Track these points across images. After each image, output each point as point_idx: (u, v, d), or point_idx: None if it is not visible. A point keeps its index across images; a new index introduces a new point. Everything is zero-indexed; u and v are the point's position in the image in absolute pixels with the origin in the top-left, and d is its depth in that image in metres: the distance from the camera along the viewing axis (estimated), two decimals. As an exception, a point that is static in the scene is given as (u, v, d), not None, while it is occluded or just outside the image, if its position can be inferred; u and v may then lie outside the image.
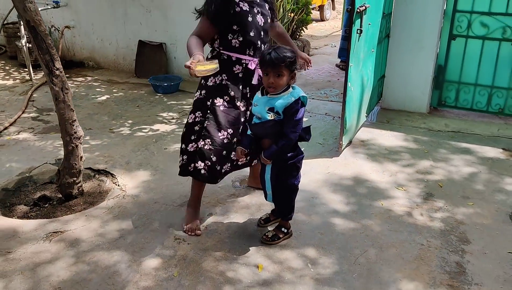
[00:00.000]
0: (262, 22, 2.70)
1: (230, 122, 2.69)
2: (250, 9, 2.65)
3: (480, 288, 2.38)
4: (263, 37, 2.73)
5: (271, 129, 2.45)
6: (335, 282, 2.41)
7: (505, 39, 4.19)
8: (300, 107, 2.44)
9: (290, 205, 2.72)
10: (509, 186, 3.33)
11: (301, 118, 2.45)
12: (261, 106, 2.45)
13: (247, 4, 2.65)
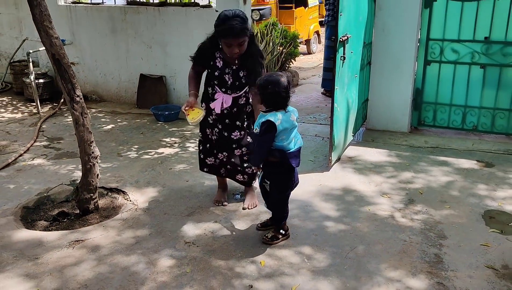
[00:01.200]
0: (230, 81, 3.21)
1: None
2: (222, 66, 3.20)
3: (455, 273, 2.73)
4: (229, 88, 3.25)
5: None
6: (329, 272, 2.75)
7: (473, 63, 4.67)
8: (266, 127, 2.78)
9: (282, 212, 3.07)
10: (482, 191, 3.72)
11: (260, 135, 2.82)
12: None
13: (222, 62, 3.20)
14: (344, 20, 3.85)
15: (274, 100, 2.80)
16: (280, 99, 2.79)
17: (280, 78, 2.79)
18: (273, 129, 2.78)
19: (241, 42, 3.04)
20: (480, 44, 4.59)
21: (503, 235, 3.11)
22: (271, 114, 2.80)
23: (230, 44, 3.03)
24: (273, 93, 2.76)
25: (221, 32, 3.03)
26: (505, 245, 2.99)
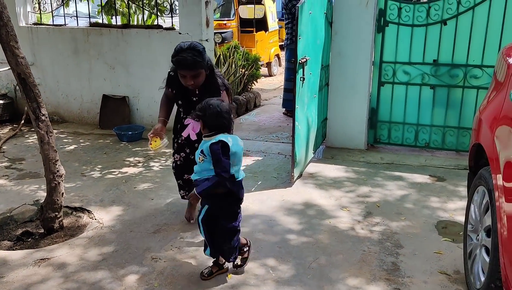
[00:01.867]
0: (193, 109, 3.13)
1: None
2: (187, 95, 3.33)
3: (411, 279, 2.90)
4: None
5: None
6: (293, 282, 2.87)
7: (424, 84, 4.97)
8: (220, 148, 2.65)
9: (230, 246, 2.86)
10: (434, 204, 3.95)
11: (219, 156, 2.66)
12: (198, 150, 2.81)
13: (187, 90, 3.30)
14: (303, 44, 4.06)
15: (217, 123, 2.71)
16: (224, 121, 2.72)
17: (220, 102, 2.77)
18: (227, 151, 2.67)
19: (195, 74, 3.12)
20: (429, 66, 4.91)
21: (454, 243, 3.32)
22: (220, 135, 2.70)
23: (184, 75, 3.14)
24: (216, 114, 2.69)
25: (174, 63, 3.13)
26: (457, 252, 3.19)
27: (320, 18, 4.59)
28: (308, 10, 4.10)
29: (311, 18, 4.24)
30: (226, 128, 2.75)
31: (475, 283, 2.62)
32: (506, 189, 2.18)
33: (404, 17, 4.88)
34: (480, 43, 4.70)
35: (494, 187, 2.33)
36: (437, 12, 4.76)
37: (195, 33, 5.46)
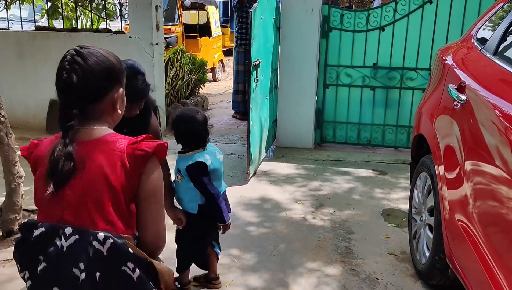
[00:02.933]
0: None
1: None
2: None
3: (364, 261, 3.18)
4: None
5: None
6: (257, 268, 3.06)
7: (365, 85, 5.35)
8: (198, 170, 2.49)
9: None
10: (379, 194, 4.29)
11: (199, 178, 2.51)
12: (174, 167, 2.57)
13: None
14: (256, 47, 4.28)
15: (190, 139, 2.52)
16: (198, 137, 2.51)
17: (195, 114, 2.54)
18: (206, 172, 2.51)
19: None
20: (370, 69, 5.30)
21: (399, 228, 3.65)
22: (197, 154, 2.50)
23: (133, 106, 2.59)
24: (189, 130, 2.49)
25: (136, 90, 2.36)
26: (402, 235, 3.52)
27: (270, 23, 4.84)
28: (259, 15, 4.34)
29: (262, 23, 4.47)
30: (201, 144, 2.53)
31: (420, 259, 2.93)
32: (446, 168, 2.50)
33: (346, 23, 5.24)
34: (415, 47, 5.14)
35: (436, 168, 2.65)
36: (376, 19, 5.16)
37: (145, 37, 5.55)
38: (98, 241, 1.36)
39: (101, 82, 1.43)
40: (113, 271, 1.38)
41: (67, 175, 1.38)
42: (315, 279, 2.95)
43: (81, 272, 1.36)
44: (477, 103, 2.31)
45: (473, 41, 2.85)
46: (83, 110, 1.43)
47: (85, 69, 1.40)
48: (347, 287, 2.88)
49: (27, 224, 1.46)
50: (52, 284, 1.39)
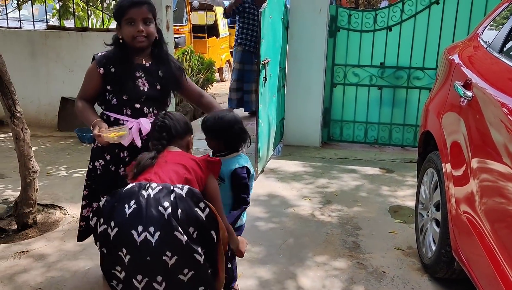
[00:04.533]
0: (145, 87, 2.44)
1: (106, 188, 2.48)
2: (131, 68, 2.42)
3: (371, 255, 3.24)
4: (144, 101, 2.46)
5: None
6: (266, 261, 3.12)
7: (372, 85, 5.41)
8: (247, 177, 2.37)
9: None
10: (385, 192, 4.35)
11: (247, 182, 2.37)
12: None
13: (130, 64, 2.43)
14: (265, 46, 4.35)
15: (239, 141, 2.37)
16: (244, 138, 2.40)
17: (233, 113, 2.43)
18: (250, 176, 2.42)
19: (146, 19, 2.36)
20: (377, 68, 5.36)
21: (406, 224, 3.71)
22: (241, 158, 2.38)
23: (132, 19, 2.34)
24: (242, 130, 2.36)
25: (119, 10, 2.38)
26: (408, 231, 3.57)
27: (278, 22, 4.91)
28: (268, 15, 4.41)
29: (271, 22, 4.54)
30: (240, 146, 2.41)
31: (427, 253, 2.99)
32: (453, 164, 2.56)
33: (354, 23, 5.30)
34: (422, 47, 5.19)
35: (443, 164, 2.70)
36: (383, 19, 5.22)
37: (155, 37, 5.62)
38: (178, 188, 1.89)
39: (182, 127, 2.22)
40: (190, 209, 1.86)
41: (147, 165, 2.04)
42: (323, 272, 3.02)
43: (165, 209, 1.81)
44: (483, 100, 2.37)
45: (479, 40, 2.91)
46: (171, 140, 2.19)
47: (173, 119, 2.21)
48: (354, 279, 2.94)
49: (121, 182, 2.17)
50: (138, 222, 1.81)
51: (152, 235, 1.80)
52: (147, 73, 2.46)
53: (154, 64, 2.48)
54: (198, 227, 1.88)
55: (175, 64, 2.54)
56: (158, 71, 2.49)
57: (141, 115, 2.46)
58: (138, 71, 2.43)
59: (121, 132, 2.27)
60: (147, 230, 1.80)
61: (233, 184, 2.33)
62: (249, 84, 6.71)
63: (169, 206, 1.82)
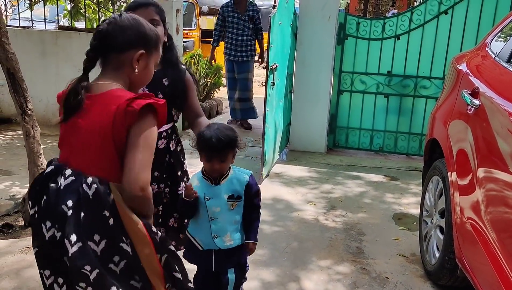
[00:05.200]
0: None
1: None
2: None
3: (374, 261, 3.26)
4: None
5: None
6: (270, 263, 3.15)
7: (378, 92, 5.44)
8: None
9: None
10: (390, 199, 4.36)
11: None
12: (219, 197, 2.16)
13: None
14: (273, 51, 4.40)
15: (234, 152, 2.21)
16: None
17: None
18: None
19: (153, 20, 2.26)
20: (384, 76, 5.38)
21: (410, 231, 3.72)
22: (236, 168, 2.28)
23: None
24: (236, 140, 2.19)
25: (127, 11, 2.22)
26: (412, 238, 3.59)
27: (287, 28, 4.96)
28: (278, 21, 4.45)
29: (280, 28, 4.59)
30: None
31: (430, 260, 3.00)
32: (458, 171, 2.58)
33: (362, 31, 5.34)
34: (429, 56, 5.22)
35: (448, 172, 2.72)
36: (391, 27, 5.25)
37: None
38: (86, 184, 1.56)
39: (127, 37, 1.64)
40: (95, 213, 1.55)
41: (74, 107, 1.62)
42: (326, 276, 3.04)
43: (68, 209, 1.54)
44: (490, 109, 2.39)
45: (488, 50, 2.93)
46: (106, 56, 1.66)
47: (117, 23, 1.65)
48: (357, 284, 2.96)
49: (49, 162, 1.72)
50: (46, 216, 1.60)
51: (57, 233, 1.58)
52: (151, 80, 2.25)
53: (161, 71, 2.32)
54: (106, 235, 1.56)
55: (188, 73, 2.41)
56: (163, 79, 2.33)
57: None
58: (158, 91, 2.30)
59: None
60: (54, 227, 1.59)
61: (246, 196, 2.22)
62: (231, 91, 6.63)
63: (71, 207, 1.54)
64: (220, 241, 2.20)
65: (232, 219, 2.21)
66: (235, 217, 2.22)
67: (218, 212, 2.17)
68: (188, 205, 2.16)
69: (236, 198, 2.18)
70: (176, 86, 2.36)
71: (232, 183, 2.18)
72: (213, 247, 2.21)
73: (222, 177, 2.17)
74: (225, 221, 2.19)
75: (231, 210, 2.18)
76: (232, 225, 2.22)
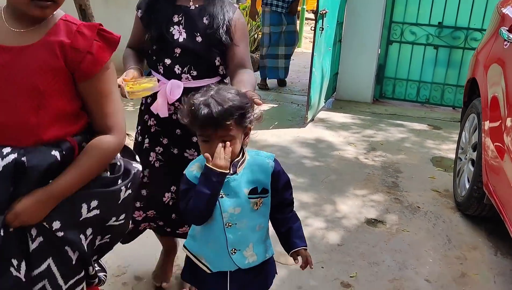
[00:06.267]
0: (182, 37, 1.90)
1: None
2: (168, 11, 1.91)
3: (408, 193, 3.46)
4: (178, 57, 1.91)
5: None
6: (309, 189, 3.42)
7: (428, 44, 5.46)
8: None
9: None
10: (430, 144, 4.50)
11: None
12: (237, 193, 1.52)
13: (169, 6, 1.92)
14: (323, -4, 4.54)
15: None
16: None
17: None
18: None
19: None
20: (434, 28, 5.39)
21: (446, 172, 3.88)
22: (254, 151, 1.66)
23: None
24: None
25: None
26: (447, 178, 3.75)
27: (339, -24, 5.05)
28: (329, -33, 4.57)
29: (331, -25, 4.70)
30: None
31: (461, 193, 3.18)
32: (491, 110, 2.72)
33: (414, -20, 5.34)
34: (482, 8, 5.17)
35: (483, 106, 2.87)
36: (444, -23, 5.23)
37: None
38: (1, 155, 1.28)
39: None
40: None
41: None
42: (361, 202, 3.28)
43: None
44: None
45: (533, -10, 2.99)
46: None
47: None
48: (389, 210, 3.19)
49: None
50: None
51: None
52: (188, 18, 1.90)
53: (202, 7, 1.90)
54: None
55: (239, 11, 1.95)
56: (204, 18, 1.90)
57: (173, 76, 1.91)
58: (178, 15, 1.90)
59: (142, 84, 1.78)
60: None
61: (274, 189, 1.59)
62: (276, 48, 6.00)
63: None
64: (240, 258, 1.57)
65: (255, 224, 1.58)
66: (259, 221, 1.59)
67: (238, 214, 1.53)
68: (213, 188, 1.47)
69: (261, 192, 1.55)
70: (218, 26, 1.88)
71: (252, 171, 1.55)
72: (228, 268, 1.58)
73: (237, 162, 1.54)
74: (247, 228, 1.56)
75: (255, 210, 1.55)
76: (256, 233, 1.59)
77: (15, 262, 1.30)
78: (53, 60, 1.29)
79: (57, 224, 1.33)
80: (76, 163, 1.35)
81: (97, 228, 1.44)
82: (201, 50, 1.90)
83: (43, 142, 1.31)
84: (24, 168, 1.27)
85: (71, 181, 1.33)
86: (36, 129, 1.30)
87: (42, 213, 1.31)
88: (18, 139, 1.29)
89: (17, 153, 1.27)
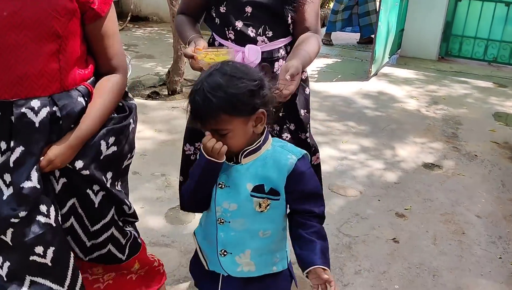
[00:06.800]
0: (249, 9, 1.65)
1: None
2: None
3: (467, 143, 3.59)
4: (250, 17, 1.66)
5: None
6: (369, 135, 3.63)
7: (499, 1, 5.36)
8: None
9: None
10: (493, 101, 4.53)
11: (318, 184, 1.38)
12: (237, 186, 1.29)
13: None
14: (392, -49, 4.58)
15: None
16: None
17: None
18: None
19: None
20: (507, -17, 5.29)
21: (507, 126, 3.94)
22: (281, 143, 1.38)
23: None
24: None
25: None
26: (508, 131, 3.82)
27: None
28: None
29: None
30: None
31: (520, 143, 3.27)
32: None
33: None
34: (560, -38, 5.01)
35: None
36: None
37: None
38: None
39: None
40: None
41: None
42: (419, 149, 3.46)
43: None
44: None
45: None
46: None
47: None
48: (447, 157, 3.35)
49: None
50: None
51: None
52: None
53: None
54: None
55: None
56: None
57: (247, 41, 1.67)
58: None
59: (221, 56, 1.55)
60: None
61: (291, 195, 1.30)
62: (365, 5, 6.07)
63: None
64: (229, 262, 1.35)
65: (257, 229, 1.33)
66: (264, 227, 1.33)
67: (233, 211, 1.31)
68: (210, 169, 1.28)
69: (268, 192, 1.29)
70: None
71: (264, 165, 1.29)
72: (219, 270, 1.38)
73: (245, 152, 1.29)
74: (244, 230, 1.32)
75: (259, 212, 1.30)
76: (257, 239, 1.33)
77: (43, 208, 1.30)
78: (67, 2, 1.27)
79: (80, 164, 1.35)
80: (95, 104, 1.37)
81: (116, 170, 1.46)
82: (274, 6, 1.64)
83: (65, 88, 1.33)
84: (58, 119, 1.31)
85: (94, 122, 1.36)
86: (58, 75, 1.31)
87: (72, 157, 1.34)
88: (43, 88, 1.29)
89: (48, 105, 1.29)
